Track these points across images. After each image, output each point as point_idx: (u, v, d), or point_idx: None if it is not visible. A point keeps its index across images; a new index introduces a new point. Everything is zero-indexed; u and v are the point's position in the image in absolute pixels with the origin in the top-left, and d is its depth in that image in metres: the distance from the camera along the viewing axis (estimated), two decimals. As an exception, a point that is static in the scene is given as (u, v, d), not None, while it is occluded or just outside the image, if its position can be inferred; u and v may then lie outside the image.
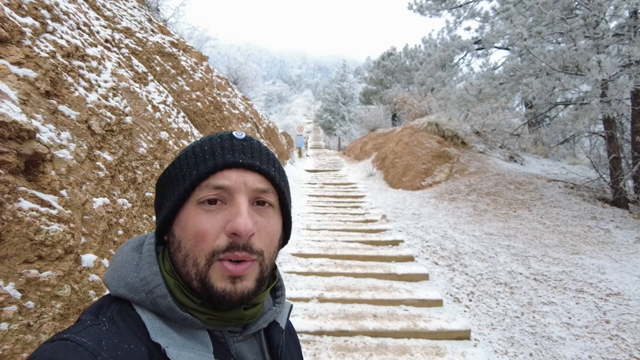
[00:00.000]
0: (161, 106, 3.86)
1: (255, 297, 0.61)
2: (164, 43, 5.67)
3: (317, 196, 10.30)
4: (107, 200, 2.10)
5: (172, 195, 0.60)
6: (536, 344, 3.68)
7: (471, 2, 10.19)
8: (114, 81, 2.76)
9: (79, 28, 2.68)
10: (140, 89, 3.52)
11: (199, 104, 5.85)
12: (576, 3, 6.67)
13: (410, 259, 5.55)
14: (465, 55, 10.67)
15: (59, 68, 2.10)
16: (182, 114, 4.50)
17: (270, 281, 0.70)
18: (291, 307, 0.78)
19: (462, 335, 3.75)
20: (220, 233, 0.56)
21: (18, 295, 1.36)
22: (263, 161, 0.63)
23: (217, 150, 0.60)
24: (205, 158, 0.60)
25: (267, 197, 0.62)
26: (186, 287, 0.58)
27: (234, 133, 0.64)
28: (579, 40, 6.26)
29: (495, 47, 9.90)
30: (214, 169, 0.59)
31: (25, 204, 1.48)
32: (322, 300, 4.34)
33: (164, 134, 3.43)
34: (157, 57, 5.32)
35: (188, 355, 0.53)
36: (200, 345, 0.56)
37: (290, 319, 3.51)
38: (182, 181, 0.60)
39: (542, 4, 6.21)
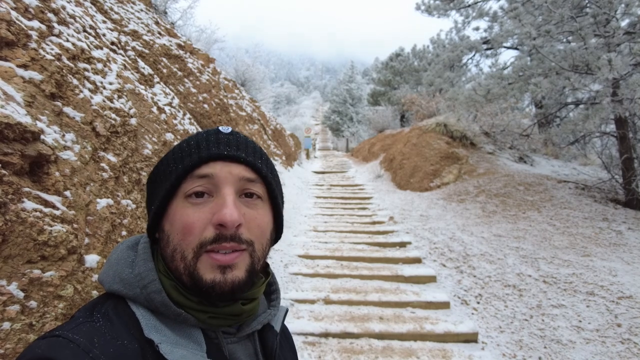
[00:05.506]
0: (167, 108, 3.89)
1: (248, 289, 0.61)
2: (171, 45, 5.72)
3: (324, 198, 10.28)
4: (111, 201, 2.11)
5: (161, 191, 0.61)
6: (545, 347, 3.62)
7: (479, 1, 10.11)
8: (119, 83, 2.79)
9: (85, 31, 2.71)
10: (146, 90, 3.55)
11: (205, 105, 5.89)
12: (586, 1, 6.58)
13: (417, 260, 5.51)
14: (474, 55, 10.59)
15: (64, 70, 2.12)
16: (188, 115, 4.53)
17: (265, 277, 0.70)
18: (286, 311, 0.77)
19: (470, 338, 3.71)
20: (207, 225, 0.57)
21: (21, 294, 1.37)
22: (249, 153, 0.63)
23: (202, 144, 0.61)
24: (190, 152, 0.60)
25: (254, 188, 0.62)
26: (181, 286, 0.58)
27: (220, 128, 0.64)
28: (589, 39, 6.17)
29: (504, 47, 9.82)
30: (199, 161, 0.59)
31: (29, 204, 1.50)
32: (328, 302, 4.32)
33: (169, 136, 3.45)
34: (164, 59, 5.37)
35: (181, 352, 0.53)
36: (193, 343, 0.56)
37: (296, 320, 3.46)
38: (169, 176, 0.60)
39: (551, 3, 6.13)
